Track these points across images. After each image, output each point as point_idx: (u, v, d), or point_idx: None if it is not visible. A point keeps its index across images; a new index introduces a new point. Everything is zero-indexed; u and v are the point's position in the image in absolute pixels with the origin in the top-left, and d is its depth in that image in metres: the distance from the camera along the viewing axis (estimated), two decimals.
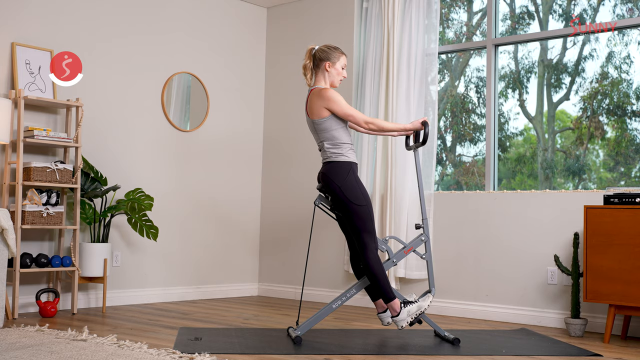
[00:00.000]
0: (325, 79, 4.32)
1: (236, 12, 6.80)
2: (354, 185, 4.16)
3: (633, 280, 4.34)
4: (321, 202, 4.32)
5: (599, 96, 5.46)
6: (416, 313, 4.17)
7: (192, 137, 6.36)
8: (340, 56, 4.32)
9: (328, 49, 4.31)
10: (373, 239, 4.18)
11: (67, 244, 5.39)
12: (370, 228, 4.18)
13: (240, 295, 6.69)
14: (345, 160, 4.19)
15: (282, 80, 6.89)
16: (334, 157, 4.20)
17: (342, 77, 4.34)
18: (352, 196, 4.14)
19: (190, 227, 6.32)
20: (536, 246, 5.24)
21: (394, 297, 4.16)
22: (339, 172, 4.17)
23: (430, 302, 4.22)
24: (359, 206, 4.14)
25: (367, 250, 4.15)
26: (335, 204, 4.24)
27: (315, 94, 4.25)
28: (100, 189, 5.44)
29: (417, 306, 4.18)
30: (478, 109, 6.04)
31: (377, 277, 4.14)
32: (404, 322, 4.16)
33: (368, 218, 4.17)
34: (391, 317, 4.21)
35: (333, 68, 4.30)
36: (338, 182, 4.15)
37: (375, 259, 4.15)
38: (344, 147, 4.22)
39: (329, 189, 4.20)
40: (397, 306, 4.16)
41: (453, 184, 6.16)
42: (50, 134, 5.09)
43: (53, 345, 3.75)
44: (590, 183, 5.49)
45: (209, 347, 3.89)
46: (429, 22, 5.88)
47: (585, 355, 3.97)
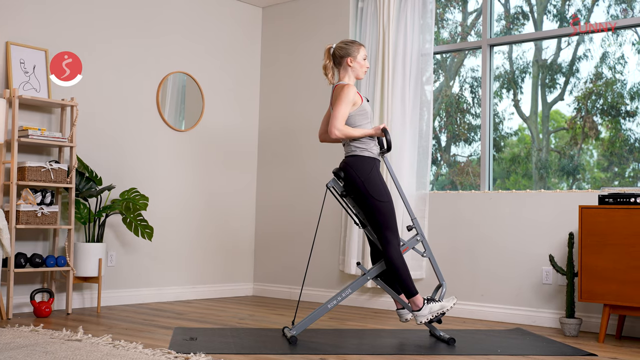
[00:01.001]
0: (349, 75, 4.33)
1: (231, 11, 6.79)
2: (377, 181, 4.16)
3: (627, 280, 4.35)
4: (334, 186, 4.29)
5: (593, 96, 5.48)
6: (438, 311, 4.19)
7: (187, 137, 6.36)
8: (360, 48, 4.33)
9: (346, 45, 4.32)
10: (395, 235, 4.19)
11: (62, 244, 5.38)
12: (393, 224, 4.18)
13: (235, 295, 6.69)
14: (370, 156, 4.20)
15: (277, 80, 6.88)
16: (359, 152, 4.20)
17: (365, 69, 4.36)
18: (375, 192, 4.14)
19: (185, 227, 6.32)
20: (531, 246, 5.25)
21: (416, 292, 4.18)
22: (362, 167, 4.17)
23: (454, 304, 4.23)
24: (382, 202, 4.15)
25: (390, 246, 4.16)
26: (357, 198, 4.23)
27: (337, 90, 4.27)
28: (95, 188, 5.43)
29: (440, 305, 4.20)
30: (473, 109, 6.05)
31: (400, 273, 4.15)
32: (425, 317, 4.17)
33: (390, 214, 4.17)
34: (412, 311, 4.22)
35: (355, 62, 4.31)
36: (362, 177, 4.15)
37: (397, 255, 4.16)
38: (369, 143, 4.23)
39: (351, 182, 4.19)
40: (419, 302, 4.18)
41: (448, 183, 6.17)
42: (44, 134, 5.07)
43: (48, 345, 3.74)
44: (584, 183, 5.50)
45: (204, 347, 3.88)
46: (424, 22, 5.88)
47: (580, 355, 3.98)
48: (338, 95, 4.21)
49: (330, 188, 4.30)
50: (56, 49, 5.40)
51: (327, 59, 4.35)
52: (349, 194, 4.26)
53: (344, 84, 4.28)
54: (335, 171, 4.28)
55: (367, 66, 4.37)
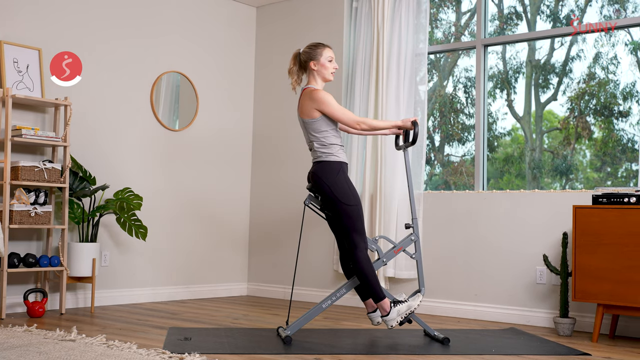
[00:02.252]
0: (315, 78, 4.32)
1: (226, 11, 6.79)
2: (343, 185, 4.17)
3: (621, 279, 4.37)
4: (311, 202, 4.32)
5: (586, 96, 5.50)
6: (406, 312, 4.18)
7: (181, 137, 6.35)
8: (323, 50, 4.31)
9: (309, 49, 4.32)
10: (363, 238, 4.19)
11: (56, 244, 5.37)
12: (360, 228, 4.19)
13: (229, 295, 6.68)
14: (335, 160, 4.20)
15: (272, 80, 6.88)
16: (324, 157, 4.20)
17: (332, 70, 4.33)
18: (341, 196, 4.15)
19: (180, 227, 6.31)
20: (525, 246, 5.27)
21: (383, 296, 4.17)
22: (329, 172, 4.17)
23: (420, 302, 4.22)
24: (349, 206, 4.15)
25: (357, 249, 4.16)
26: (325, 203, 4.24)
27: (307, 94, 4.25)
28: (88, 188, 5.42)
29: (406, 306, 4.19)
30: (466, 109, 6.06)
31: (366, 277, 4.14)
32: (394, 321, 4.17)
33: (358, 218, 4.17)
34: (381, 317, 4.22)
35: (319, 65, 4.29)
36: (328, 182, 4.16)
37: (365, 258, 4.15)
38: (334, 147, 4.22)
39: (319, 188, 4.20)
40: (387, 306, 4.17)
41: (441, 183, 6.18)
42: (38, 133, 5.06)
43: (41, 345, 3.73)
44: (577, 183, 5.52)
45: (198, 347, 3.88)
46: (419, 22, 5.89)
47: (574, 355, 3.99)
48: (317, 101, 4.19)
49: (309, 204, 4.32)
50: (50, 49, 5.39)
51: (292, 64, 4.36)
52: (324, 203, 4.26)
53: (313, 88, 4.27)
54: (308, 187, 4.31)
55: (333, 67, 4.33)
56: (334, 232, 4.39)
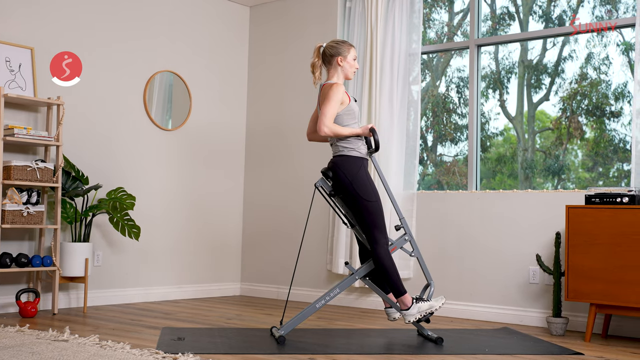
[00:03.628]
0: (338, 74, 4.34)
1: (219, 10, 6.77)
2: (364, 181, 4.17)
3: (614, 279, 4.39)
4: (322, 185, 4.30)
5: (578, 97, 5.52)
6: (426, 311, 4.19)
7: (175, 136, 6.33)
8: (350, 48, 4.34)
9: (337, 44, 4.33)
10: (383, 234, 4.20)
11: (48, 244, 5.35)
12: (381, 224, 4.20)
13: (223, 295, 6.67)
14: (357, 156, 4.21)
15: (265, 79, 6.87)
16: (346, 152, 4.21)
17: (355, 69, 4.37)
18: (363, 191, 4.15)
19: (172, 227, 6.29)
20: (518, 246, 5.28)
21: (405, 291, 4.19)
22: (350, 167, 4.18)
23: (442, 304, 4.23)
24: (370, 202, 4.16)
25: (378, 245, 4.18)
26: (345, 198, 4.24)
27: (325, 89, 4.28)
28: (81, 188, 5.40)
29: (428, 305, 4.20)
30: (459, 109, 6.07)
31: (388, 272, 4.16)
32: (413, 317, 4.18)
33: (378, 213, 4.19)
34: (401, 310, 4.23)
35: (345, 62, 4.32)
36: (349, 177, 4.16)
37: (386, 254, 4.17)
38: (356, 142, 4.23)
39: (339, 182, 4.20)
40: (408, 301, 4.19)
41: (434, 183, 6.19)
42: (30, 133, 5.03)
43: (34, 345, 3.71)
44: (569, 183, 5.54)
45: (192, 347, 3.87)
46: (412, 22, 5.90)
47: (567, 354, 4.01)
48: (327, 94, 4.22)
49: (319, 187, 4.30)
50: (42, 48, 5.37)
51: (316, 57, 4.36)
52: (337, 193, 4.27)
53: (333, 82, 4.28)
54: (323, 171, 4.29)
55: (356, 66, 4.38)
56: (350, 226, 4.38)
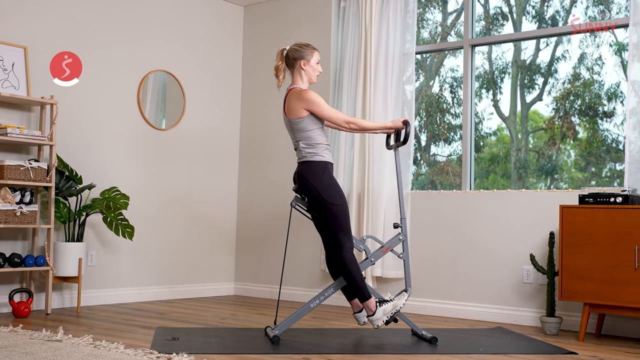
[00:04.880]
0: (302, 78, 4.31)
1: (213, 10, 6.77)
2: (329, 185, 4.17)
3: (607, 279, 4.40)
4: (297, 204, 4.32)
5: (571, 97, 5.53)
6: (392, 312, 4.19)
7: (168, 136, 6.32)
8: (313, 52, 4.32)
9: (300, 48, 4.31)
10: (349, 238, 4.19)
11: (41, 244, 5.33)
12: (346, 227, 4.19)
13: (217, 295, 6.66)
14: (321, 160, 4.20)
15: (259, 79, 6.87)
16: (309, 157, 4.20)
17: (318, 73, 4.35)
18: (327, 195, 4.15)
19: (167, 226, 6.28)
20: (512, 245, 5.29)
21: (369, 296, 4.17)
22: (314, 172, 4.17)
23: (405, 301, 4.24)
24: (335, 205, 4.15)
25: (343, 249, 4.16)
26: (311, 203, 4.24)
27: (295, 94, 4.24)
28: (75, 187, 5.38)
29: (392, 305, 4.20)
30: (452, 109, 6.08)
31: (352, 277, 4.15)
32: (380, 321, 4.18)
33: (344, 217, 4.18)
34: (367, 317, 4.23)
35: (308, 65, 4.30)
36: (314, 182, 4.15)
37: (350, 258, 4.16)
38: (319, 147, 4.22)
39: (304, 189, 4.20)
40: (372, 305, 4.18)
41: (427, 183, 6.20)
42: (24, 132, 5.02)
43: (27, 346, 3.70)
44: (562, 183, 5.56)
45: (186, 347, 3.87)
46: (405, 22, 5.91)
47: (561, 354, 4.02)
48: (309, 101, 4.18)
49: (295, 206, 4.32)
50: (36, 47, 5.35)
51: (279, 60, 4.34)
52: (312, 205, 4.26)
53: (301, 88, 4.27)
54: (294, 189, 4.31)
55: (319, 70, 4.35)
56: (320, 233, 4.38)
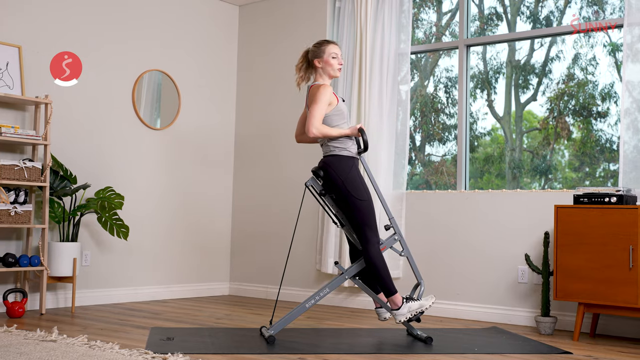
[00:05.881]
0: (321, 75, 4.36)
1: (208, 9, 6.76)
2: (356, 180, 4.18)
3: (602, 278, 4.41)
4: (312, 185, 4.30)
5: (565, 97, 5.55)
6: (417, 310, 4.21)
7: (163, 135, 6.31)
8: (326, 47, 4.34)
9: (314, 47, 4.37)
10: (375, 233, 4.21)
11: (36, 243, 5.31)
12: (372, 222, 4.21)
13: (212, 295, 6.66)
14: (348, 155, 4.22)
15: (254, 79, 6.86)
16: (337, 151, 4.22)
17: (337, 66, 4.35)
18: (355, 191, 4.16)
19: (161, 226, 6.27)
20: (507, 245, 5.30)
21: (395, 290, 4.20)
22: (342, 166, 4.19)
23: (432, 303, 4.26)
24: (362, 201, 4.17)
25: (369, 244, 4.18)
26: (337, 198, 4.25)
27: (311, 91, 4.30)
28: (69, 187, 5.37)
29: (419, 304, 4.22)
30: (447, 109, 6.09)
31: (379, 271, 4.17)
32: (403, 316, 4.19)
33: (370, 213, 4.20)
34: (391, 310, 4.23)
35: (322, 62, 4.33)
36: (341, 176, 4.17)
37: (377, 252, 4.18)
38: (347, 142, 4.25)
39: (331, 181, 4.21)
40: (398, 300, 4.20)
41: (422, 183, 6.21)
42: (18, 132, 5.00)
43: (22, 346, 3.69)
44: (556, 183, 5.58)
45: (181, 347, 3.87)
46: (400, 22, 5.91)
47: (556, 353, 4.03)
48: (314, 96, 4.24)
49: (309, 187, 4.31)
50: (30, 46, 5.34)
51: (301, 61, 4.40)
52: (328, 192, 4.27)
53: (319, 84, 4.30)
54: (314, 170, 4.29)
55: (338, 63, 4.36)
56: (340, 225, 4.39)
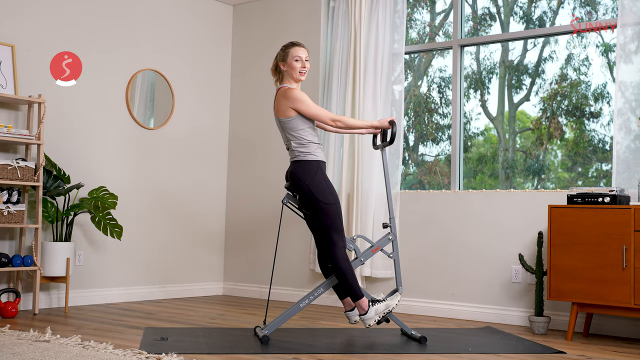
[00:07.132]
0: (287, 78, 4.35)
1: (202, 9, 6.75)
2: (322, 184, 4.18)
3: (595, 278, 4.43)
4: (289, 201, 4.33)
5: (558, 97, 5.56)
6: (384, 312, 4.20)
7: (157, 135, 6.30)
8: (290, 50, 4.32)
9: (280, 49, 4.38)
10: (341, 237, 4.20)
11: (29, 243, 5.30)
12: (339, 226, 4.20)
13: (205, 295, 6.65)
14: (313, 159, 4.21)
15: (248, 78, 6.86)
16: (302, 156, 4.22)
17: (300, 69, 4.30)
18: (320, 195, 4.16)
19: (155, 226, 6.26)
20: (501, 245, 5.32)
21: (362, 295, 4.18)
22: (307, 171, 4.19)
23: (398, 302, 4.25)
24: (328, 204, 4.17)
25: (335, 248, 4.17)
26: (303, 202, 4.25)
27: (281, 94, 4.27)
28: (63, 187, 5.35)
29: (385, 305, 4.21)
30: (440, 109, 6.10)
31: (345, 275, 4.16)
32: (372, 320, 4.19)
33: (336, 216, 4.19)
34: (359, 315, 4.24)
35: (286, 65, 4.31)
36: (306, 181, 4.17)
37: (343, 257, 4.17)
38: (311, 146, 4.24)
39: (297, 187, 4.21)
40: (365, 304, 4.19)
41: (415, 183, 6.22)
42: (11, 131, 4.99)
43: (15, 346, 3.68)
44: (549, 183, 5.59)
45: (175, 348, 3.86)
46: (394, 22, 5.92)
47: (549, 353, 4.04)
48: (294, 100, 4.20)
49: (287, 204, 4.33)
50: (24, 45, 5.32)
51: (274, 63, 4.41)
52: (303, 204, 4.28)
53: (287, 87, 4.29)
54: (286, 187, 4.32)
55: (301, 66, 4.30)
56: (312, 231, 4.39)
